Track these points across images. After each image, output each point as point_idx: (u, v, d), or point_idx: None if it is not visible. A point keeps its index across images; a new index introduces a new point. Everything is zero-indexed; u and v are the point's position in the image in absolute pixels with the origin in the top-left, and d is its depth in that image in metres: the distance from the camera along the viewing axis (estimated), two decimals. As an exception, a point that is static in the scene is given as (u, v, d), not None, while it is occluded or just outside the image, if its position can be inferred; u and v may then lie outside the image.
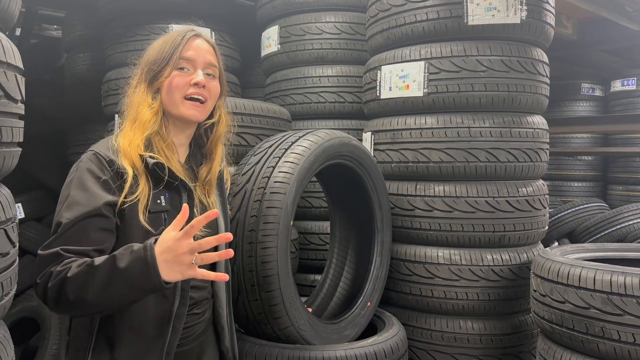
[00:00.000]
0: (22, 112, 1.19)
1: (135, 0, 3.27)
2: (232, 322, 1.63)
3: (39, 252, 1.26)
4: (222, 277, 1.24)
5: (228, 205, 1.67)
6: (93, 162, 1.35)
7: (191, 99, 1.45)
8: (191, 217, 1.33)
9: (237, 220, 1.84)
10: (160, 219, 1.37)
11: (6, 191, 1.22)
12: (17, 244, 1.23)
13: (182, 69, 1.45)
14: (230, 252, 1.27)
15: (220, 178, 1.62)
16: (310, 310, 2.12)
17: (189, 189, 1.43)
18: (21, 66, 1.18)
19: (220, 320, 1.59)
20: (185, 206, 1.20)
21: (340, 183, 2.41)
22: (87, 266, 1.20)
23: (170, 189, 1.41)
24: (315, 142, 2.00)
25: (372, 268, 2.38)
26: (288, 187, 1.84)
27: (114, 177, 1.33)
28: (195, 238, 1.22)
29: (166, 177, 1.38)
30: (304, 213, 3.16)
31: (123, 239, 1.33)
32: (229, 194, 1.91)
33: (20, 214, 4.14)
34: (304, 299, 2.31)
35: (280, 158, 1.92)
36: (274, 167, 1.90)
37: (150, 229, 1.34)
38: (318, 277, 2.80)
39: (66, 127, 4.48)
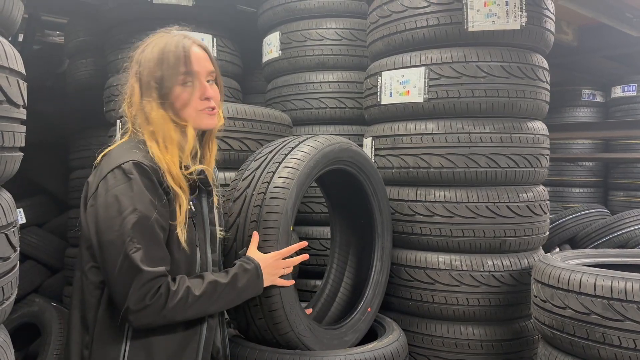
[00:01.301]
0: (24, 117, 1.20)
1: (137, 6, 3.29)
2: (223, 321, 1.66)
3: (145, 267, 1.29)
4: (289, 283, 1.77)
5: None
6: (143, 174, 1.36)
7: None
8: (212, 219, 1.56)
9: (238, 225, 1.84)
10: (191, 225, 1.46)
11: (7, 196, 1.23)
12: (18, 249, 1.24)
13: (185, 83, 1.47)
14: (306, 256, 1.85)
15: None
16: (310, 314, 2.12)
17: (210, 193, 1.54)
18: (23, 71, 1.19)
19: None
20: (255, 234, 1.75)
21: (340, 188, 2.41)
22: (210, 285, 1.43)
23: (194, 194, 1.49)
24: (316, 147, 2.00)
25: (373, 273, 2.38)
26: (288, 193, 1.85)
27: (164, 190, 1.39)
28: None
29: (203, 187, 1.50)
30: (304, 218, 3.16)
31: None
32: (228, 199, 1.92)
33: (21, 219, 4.15)
34: (304, 305, 2.30)
35: (280, 163, 1.93)
36: (274, 173, 1.90)
37: (185, 238, 1.42)
38: (318, 282, 2.80)
39: (68, 132, 4.50)
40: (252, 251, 1.71)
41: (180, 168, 1.44)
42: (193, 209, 1.47)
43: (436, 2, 2.46)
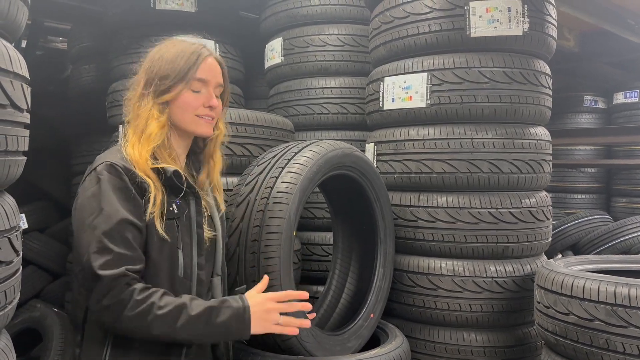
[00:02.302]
0: (28, 121, 1.20)
1: (140, 12, 3.30)
2: None
3: (102, 272, 1.26)
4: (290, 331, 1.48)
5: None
6: (114, 174, 1.36)
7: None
8: (200, 223, 1.48)
9: (240, 230, 1.84)
10: (174, 226, 1.42)
11: (11, 200, 1.23)
12: (21, 253, 1.24)
13: (196, 90, 1.48)
14: (307, 323, 1.54)
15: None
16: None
17: (197, 196, 1.49)
18: (27, 75, 1.19)
19: None
20: (265, 277, 1.58)
21: (343, 194, 2.41)
22: (177, 309, 1.30)
23: (178, 196, 1.45)
24: (318, 152, 2.00)
25: (375, 279, 2.37)
26: (291, 198, 1.85)
27: (136, 189, 1.37)
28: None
29: (180, 185, 1.42)
30: (306, 224, 3.16)
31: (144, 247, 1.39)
32: (231, 204, 1.92)
33: (23, 224, 4.15)
34: (306, 310, 2.30)
35: (283, 168, 1.93)
36: (277, 178, 1.90)
37: (166, 236, 1.38)
38: (321, 288, 2.79)
39: (70, 137, 4.51)
40: (251, 293, 1.50)
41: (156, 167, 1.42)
42: (176, 210, 1.44)
43: (438, 8, 2.46)
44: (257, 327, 1.40)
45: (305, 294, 1.51)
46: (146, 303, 1.28)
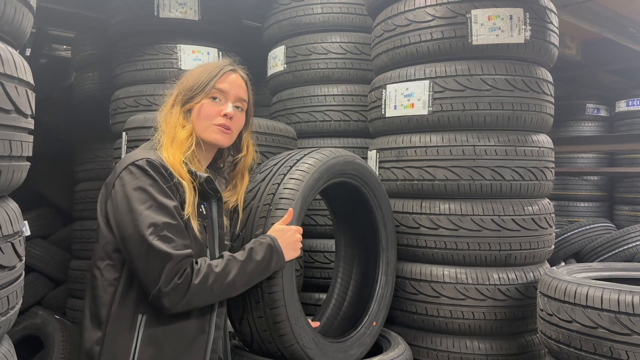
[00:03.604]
0: (32, 127, 1.21)
1: (144, 20, 3.33)
2: (227, 332, 1.67)
3: (171, 250, 1.37)
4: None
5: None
6: (156, 170, 1.45)
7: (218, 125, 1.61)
8: (221, 224, 1.63)
9: (243, 236, 1.85)
10: (203, 226, 1.54)
11: (14, 205, 1.23)
12: (24, 258, 1.24)
13: (214, 98, 1.60)
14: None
15: None
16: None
17: (220, 200, 1.62)
18: (32, 82, 1.20)
19: None
20: (290, 210, 1.75)
21: (344, 201, 2.41)
22: (227, 262, 1.50)
23: (203, 198, 1.57)
24: (320, 159, 2.01)
25: (378, 287, 2.37)
26: (293, 204, 1.85)
27: (174, 187, 1.47)
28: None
29: (209, 191, 1.56)
30: (308, 231, 3.16)
31: None
32: (234, 210, 1.94)
33: (26, 231, 4.16)
34: (309, 318, 2.29)
35: (285, 175, 1.93)
36: (279, 185, 1.91)
37: (199, 235, 1.50)
38: (323, 295, 2.79)
39: (73, 145, 4.52)
40: (276, 227, 1.74)
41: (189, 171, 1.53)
42: (204, 212, 1.56)
43: (440, 16, 2.48)
44: (289, 254, 1.68)
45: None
46: (205, 267, 1.43)
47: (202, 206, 1.57)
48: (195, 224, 1.48)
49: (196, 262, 1.45)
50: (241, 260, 1.52)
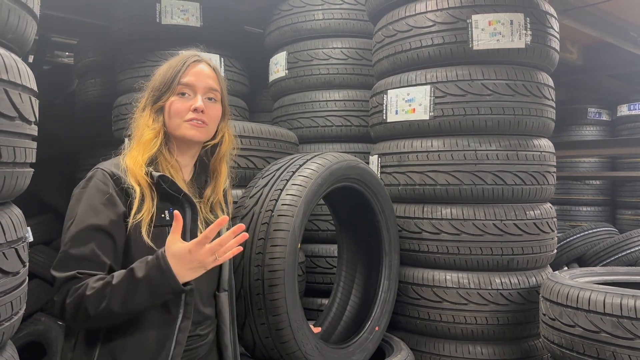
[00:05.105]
0: (35, 133, 1.22)
1: (146, 27, 3.34)
2: (236, 341, 1.62)
3: (55, 274, 1.30)
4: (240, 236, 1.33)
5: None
6: (99, 179, 1.38)
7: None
8: (195, 232, 1.42)
9: (245, 243, 1.84)
10: (164, 233, 1.38)
11: (18, 211, 1.24)
12: (27, 264, 1.24)
13: (182, 94, 1.49)
14: (245, 235, 1.36)
15: (224, 196, 1.65)
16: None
17: (192, 204, 1.45)
18: (35, 88, 1.20)
19: (223, 338, 1.58)
20: (177, 213, 1.28)
21: (347, 206, 2.41)
22: (105, 282, 1.28)
23: (174, 204, 1.43)
24: (323, 164, 2.01)
25: (380, 292, 2.37)
26: (295, 210, 1.85)
27: (120, 194, 1.37)
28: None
29: (170, 191, 1.40)
30: (311, 236, 3.16)
31: (127, 254, 1.37)
32: (236, 217, 1.92)
33: (29, 237, 4.16)
34: (311, 323, 2.29)
35: (287, 181, 1.93)
36: (281, 190, 1.91)
37: (152, 245, 1.36)
38: (325, 301, 2.78)
39: (76, 151, 4.53)
40: (173, 244, 1.36)
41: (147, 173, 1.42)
42: (167, 217, 1.41)
43: (441, 22, 2.49)
44: (187, 272, 1.31)
45: (225, 218, 1.34)
46: (81, 288, 1.28)
47: (167, 211, 1.41)
48: (145, 231, 1.34)
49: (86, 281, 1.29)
50: (117, 281, 1.28)
